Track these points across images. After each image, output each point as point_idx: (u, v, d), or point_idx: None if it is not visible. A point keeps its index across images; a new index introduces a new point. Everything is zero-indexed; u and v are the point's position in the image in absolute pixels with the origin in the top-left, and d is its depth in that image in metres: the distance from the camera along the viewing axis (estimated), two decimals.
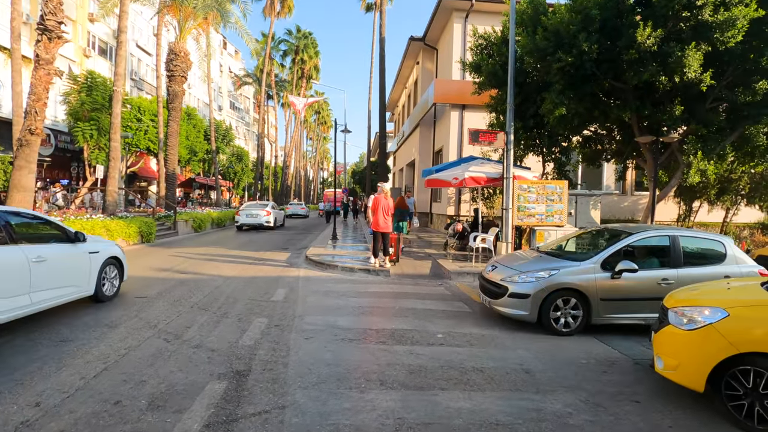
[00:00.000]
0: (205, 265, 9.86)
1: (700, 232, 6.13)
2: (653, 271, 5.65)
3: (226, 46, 63.86)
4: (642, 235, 5.82)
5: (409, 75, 25.54)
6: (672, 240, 5.70)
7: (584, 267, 5.59)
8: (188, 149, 34.47)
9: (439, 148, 18.84)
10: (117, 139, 14.00)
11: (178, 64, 17.87)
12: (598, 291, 5.47)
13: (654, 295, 5.35)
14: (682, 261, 5.59)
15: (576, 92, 9.39)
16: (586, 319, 5.54)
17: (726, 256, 5.64)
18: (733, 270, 5.54)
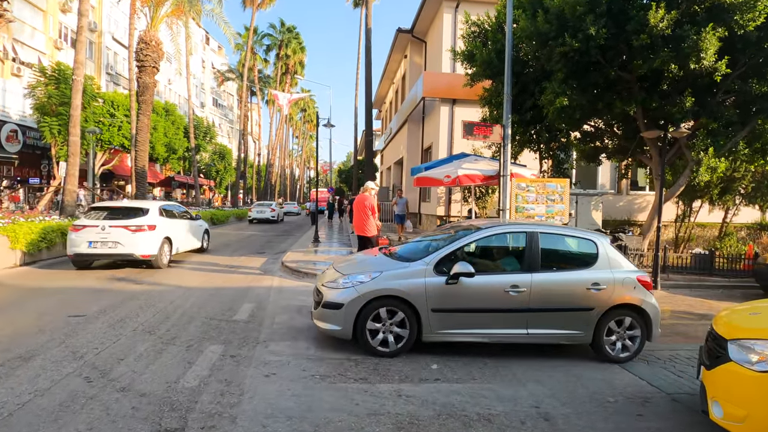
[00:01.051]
0: (168, 273, 8.78)
1: (570, 229, 5.24)
2: (499, 276, 4.73)
3: (209, 42, 62.13)
4: (489, 232, 4.92)
5: (397, 69, 24.60)
6: (529, 238, 4.76)
7: (413, 270, 4.53)
8: (167, 147, 33.04)
9: (429, 145, 17.94)
10: (76, 134, 12.77)
11: (148, 53, 16.62)
12: (429, 300, 4.41)
13: (501, 305, 4.54)
14: (539, 264, 4.65)
15: (579, 82, 8.57)
16: (414, 336, 4.45)
17: (597, 258, 4.74)
18: (604, 276, 4.65)
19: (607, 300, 4.59)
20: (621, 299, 4.62)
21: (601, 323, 4.61)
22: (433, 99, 16.43)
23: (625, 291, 4.63)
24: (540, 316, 4.57)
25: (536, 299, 4.52)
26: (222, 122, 64.90)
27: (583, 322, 4.60)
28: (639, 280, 4.70)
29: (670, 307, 7.67)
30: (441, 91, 15.63)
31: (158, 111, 32.22)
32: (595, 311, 4.58)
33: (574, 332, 4.63)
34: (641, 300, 4.65)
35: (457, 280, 4.41)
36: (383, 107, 33.02)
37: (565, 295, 4.62)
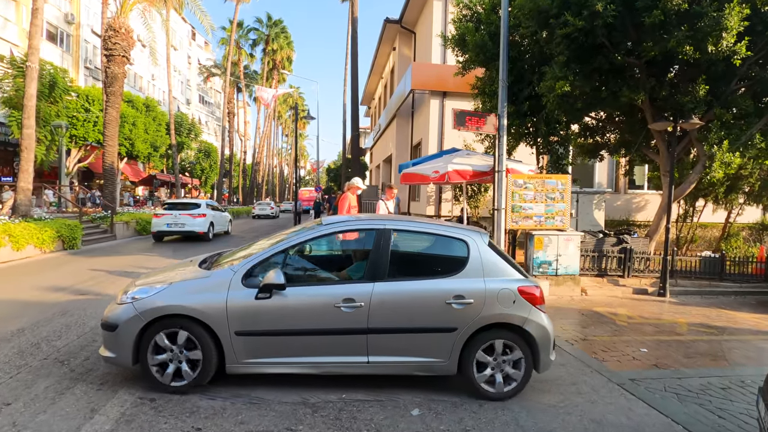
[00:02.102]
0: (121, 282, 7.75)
1: (437, 226, 4.06)
2: (329, 288, 3.65)
3: (195, 37, 60.65)
4: (325, 230, 3.85)
5: (386, 63, 23.64)
6: (378, 237, 3.71)
7: (214, 281, 3.54)
8: (148, 144, 31.72)
9: (418, 141, 17.03)
10: (30, 126, 11.64)
11: (117, 42, 15.48)
12: (233, 320, 3.39)
13: (331, 325, 3.48)
14: (386, 270, 3.62)
15: (582, 66, 7.69)
16: (214, 365, 3.43)
17: (467, 263, 3.68)
18: (472, 286, 3.58)
19: (476, 318, 3.53)
20: (495, 317, 3.57)
21: (469, 348, 3.57)
22: (423, 92, 15.51)
23: (501, 306, 3.56)
24: (384, 340, 3.52)
25: (378, 317, 3.48)
26: (209, 120, 63.46)
27: (442, 347, 3.55)
28: (521, 291, 3.61)
29: (686, 319, 6.82)
30: (431, 83, 14.72)
31: (138, 107, 30.91)
32: (458, 332, 3.53)
33: (430, 360, 3.57)
34: (523, 319, 3.58)
35: (269, 294, 3.41)
36: (372, 103, 32.05)
37: (417, 311, 3.55)
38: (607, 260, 8.83)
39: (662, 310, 7.37)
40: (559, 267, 7.84)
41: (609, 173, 15.94)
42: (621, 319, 6.55)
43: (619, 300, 7.92)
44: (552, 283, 7.82)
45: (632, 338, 5.65)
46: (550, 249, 7.78)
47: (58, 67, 23.68)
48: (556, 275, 7.86)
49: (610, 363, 4.70)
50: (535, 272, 7.84)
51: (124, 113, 28.61)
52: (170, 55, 34.65)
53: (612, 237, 8.82)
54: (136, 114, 30.06)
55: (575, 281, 7.96)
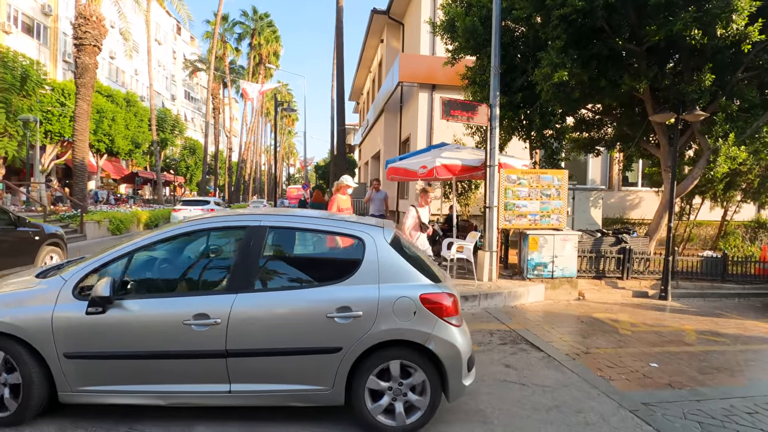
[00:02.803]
0: None
1: (326, 221, 3.26)
2: (178, 300, 2.96)
3: (180, 32, 59.33)
4: (182, 228, 3.14)
5: (374, 57, 22.96)
6: (249, 237, 3.03)
7: (39, 293, 2.95)
8: (129, 140, 30.67)
9: (407, 136, 16.40)
10: None
11: (88, 30, 14.57)
12: (60, 339, 2.79)
13: (181, 347, 2.83)
14: (254, 277, 2.97)
15: (581, 52, 7.12)
16: (40, 393, 2.83)
17: (359, 266, 2.98)
18: (362, 295, 2.90)
19: (365, 335, 2.84)
20: (390, 333, 2.86)
21: (359, 373, 2.89)
22: (411, 85, 14.87)
23: (398, 319, 2.86)
24: (250, 364, 2.87)
25: (240, 336, 2.81)
26: (195, 116, 62.21)
27: (324, 372, 2.87)
28: (425, 300, 2.90)
29: (692, 326, 6.29)
30: (419, 75, 14.08)
31: (119, 101, 29.88)
32: (343, 353, 2.84)
33: (309, 388, 2.88)
34: (425, 335, 2.86)
35: (101, 308, 2.80)
36: (361, 99, 31.34)
37: (291, 328, 2.87)
38: (605, 261, 8.29)
39: (666, 316, 6.84)
40: (555, 269, 7.28)
41: (603, 169, 15.47)
42: (624, 327, 5.99)
43: (619, 304, 7.38)
44: (548, 287, 7.25)
45: (639, 350, 5.08)
46: (545, 250, 7.20)
47: (31, 59, 22.62)
48: (552, 278, 7.30)
49: (618, 382, 4.12)
50: (530, 275, 7.26)
51: (103, 108, 27.58)
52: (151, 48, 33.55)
53: (610, 236, 8.28)
54: (115, 109, 29.02)
55: (572, 284, 7.40)
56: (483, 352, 4.66)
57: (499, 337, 5.17)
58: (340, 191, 6.17)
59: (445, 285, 3.09)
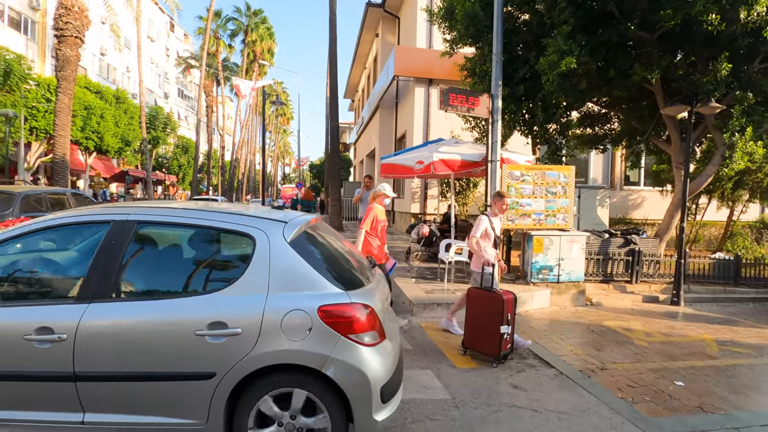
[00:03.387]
0: None
1: (211, 214, 2.66)
2: (17, 311, 2.42)
3: (173, 29, 58.57)
4: (32, 226, 2.59)
5: (369, 52, 22.40)
6: (111, 235, 2.51)
7: None
8: (119, 138, 29.92)
9: (402, 133, 15.86)
10: None
11: (70, 21, 13.91)
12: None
13: (24, 367, 2.32)
14: (114, 285, 2.44)
15: (589, 38, 6.60)
16: None
17: (245, 270, 2.43)
18: (246, 306, 2.34)
19: (244, 357, 2.29)
20: (277, 356, 2.30)
21: (240, 403, 2.36)
22: (407, 79, 14.33)
23: (289, 338, 2.29)
24: (106, 390, 2.34)
25: (91, 356, 2.31)
26: (189, 115, 61.37)
27: (194, 402, 2.33)
28: (324, 313, 2.32)
29: (711, 335, 5.78)
30: (416, 69, 13.54)
31: (108, 98, 29.13)
32: (218, 381, 2.30)
33: (178, 421, 2.35)
34: (322, 358, 2.29)
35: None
36: (356, 96, 30.77)
37: (150, 347, 2.33)
38: (613, 264, 7.77)
39: (681, 324, 6.33)
40: (561, 273, 6.75)
41: (605, 167, 14.99)
42: (639, 338, 5.47)
43: (630, 311, 6.87)
44: (553, 292, 6.72)
45: (659, 365, 4.56)
46: (551, 252, 6.67)
47: (16, 53, 21.90)
48: (558, 282, 6.77)
49: (642, 405, 3.59)
50: (534, 279, 6.73)
51: (92, 105, 26.84)
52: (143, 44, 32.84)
53: (619, 237, 7.77)
54: (104, 106, 28.28)
55: (579, 289, 6.87)
56: (487, 369, 4.11)
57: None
58: (377, 200, 5.14)
59: (362, 293, 2.49)
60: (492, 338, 4.17)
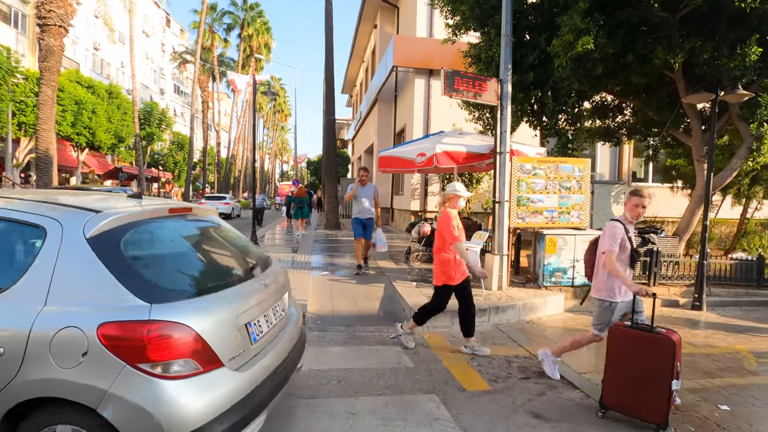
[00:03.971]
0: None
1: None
2: None
3: (169, 24, 57.79)
4: None
5: (366, 44, 21.76)
6: None
7: None
8: (112, 134, 29.24)
9: (402, 127, 15.26)
10: None
11: (53, 9, 13.25)
12: None
13: None
14: None
15: (607, 17, 6.00)
16: None
17: (26, 271, 1.89)
18: (14, 319, 1.83)
19: (8, 386, 1.80)
20: (45, 387, 1.79)
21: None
22: (407, 70, 13.73)
23: (58, 364, 1.77)
24: None
25: None
26: (185, 111, 60.60)
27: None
28: (105, 333, 1.77)
29: (744, 345, 5.22)
30: (415, 59, 12.93)
31: (100, 93, 28.45)
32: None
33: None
34: (98, 394, 1.75)
35: None
36: (354, 91, 30.12)
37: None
38: None
39: (707, 333, 5.76)
40: (576, 275, 6.17)
41: (612, 162, 14.42)
42: None
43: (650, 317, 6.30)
44: (567, 296, 6.15)
45: (696, 383, 3.99)
46: (565, 252, 6.10)
47: (3, 46, 21.21)
48: (573, 286, 6.20)
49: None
50: (547, 282, 6.16)
51: (83, 99, 26.17)
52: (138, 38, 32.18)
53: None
54: (96, 101, 27.61)
55: None
56: (502, 391, 3.53)
57: (519, 368, 4.05)
58: (449, 203, 4.29)
59: (180, 306, 1.90)
60: (656, 398, 2.99)
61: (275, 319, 2.53)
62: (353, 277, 7.25)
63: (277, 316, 2.57)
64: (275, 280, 2.68)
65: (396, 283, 6.39)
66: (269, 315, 2.46)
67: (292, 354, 2.57)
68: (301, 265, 8.04)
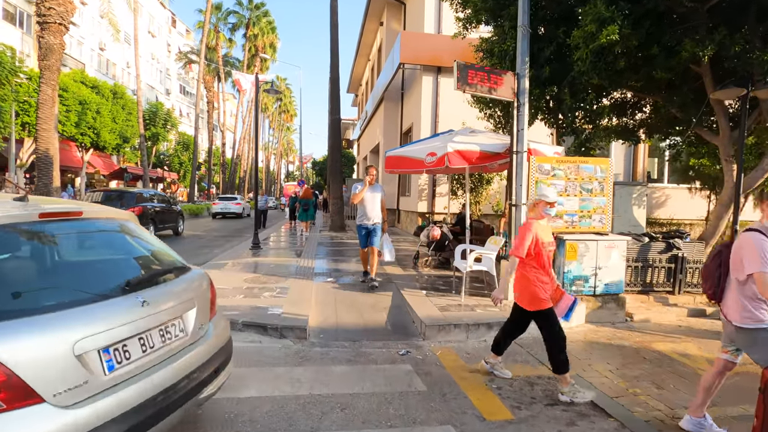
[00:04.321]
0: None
1: None
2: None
3: (175, 24, 57.84)
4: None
5: (373, 42, 21.39)
6: None
7: None
8: (117, 134, 29.07)
9: (408, 126, 14.87)
10: None
11: (53, 6, 12.96)
12: None
13: None
14: None
15: (633, 7, 5.58)
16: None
17: None
18: None
19: None
20: None
21: None
22: (414, 67, 13.34)
23: None
24: None
25: None
26: (191, 111, 60.59)
27: None
28: None
29: None
30: (423, 56, 12.54)
31: (105, 93, 28.29)
32: None
33: None
34: None
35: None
36: (360, 90, 29.77)
37: None
38: (653, 272, 6.76)
39: None
40: (598, 284, 5.75)
41: (626, 163, 13.95)
42: (702, 367, 4.45)
43: (678, 329, 5.86)
44: (589, 306, 5.73)
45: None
46: (586, 259, 5.68)
47: (7, 45, 21.02)
48: (594, 295, 5.77)
49: None
50: (567, 291, 5.72)
51: (87, 99, 26.02)
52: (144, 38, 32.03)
53: (660, 241, 6.75)
54: (100, 101, 27.44)
55: (619, 303, 5.87)
56: (526, 421, 3.13)
57: (544, 392, 3.64)
58: (534, 212, 3.58)
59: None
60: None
61: (161, 341, 2.15)
62: (358, 284, 6.87)
63: (167, 338, 2.19)
64: (168, 296, 2.33)
65: (405, 291, 5.99)
66: (150, 337, 2.08)
67: (187, 382, 2.21)
68: (305, 272, 7.67)
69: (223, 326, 2.75)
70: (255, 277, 7.00)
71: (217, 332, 2.63)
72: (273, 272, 7.50)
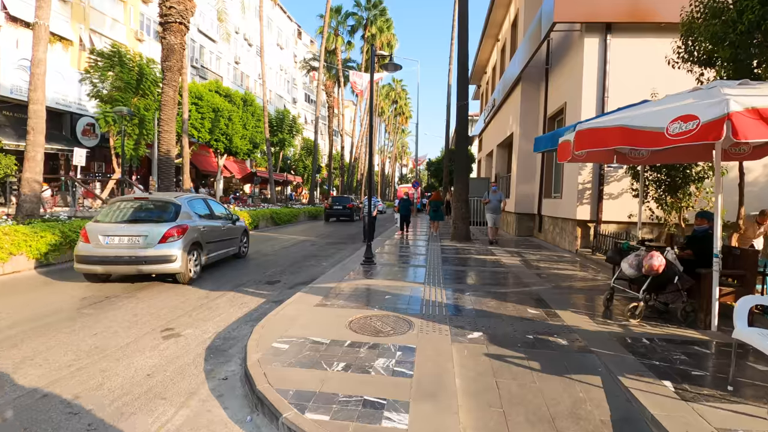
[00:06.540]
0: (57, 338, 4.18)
1: None
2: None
3: (300, 36, 61.00)
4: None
5: (503, 18, 18.28)
6: None
7: None
8: (247, 140, 30.52)
9: (558, 108, 11.61)
10: (38, 100, 9.13)
11: (173, 6, 12.84)
12: None
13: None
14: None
15: None
16: None
17: None
18: None
19: None
20: None
21: None
22: (572, 27, 10.13)
23: None
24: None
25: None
26: (314, 118, 63.48)
27: None
28: None
29: None
30: (587, 10, 9.28)
31: (236, 101, 29.87)
32: None
33: None
34: None
35: None
36: (483, 79, 26.63)
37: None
38: None
39: None
40: None
41: None
42: None
43: None
44: None
45: None
46: None
47: (148, 58, 22.84)
48: None
49: None
50: None
51: (219, 107, 27.59)
52: (271, 50, 33.39)
53: None
54: (232, 108, 28.94)
55: None
56: None
57: None
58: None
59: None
60: None
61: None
62: (529, 346, 4.15)
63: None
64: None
65: (627, 381, 3.19)
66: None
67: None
68: (434, 312, 5.22)
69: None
70: (365, 319, 4.80)
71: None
72: (390, 308, 5.27)
